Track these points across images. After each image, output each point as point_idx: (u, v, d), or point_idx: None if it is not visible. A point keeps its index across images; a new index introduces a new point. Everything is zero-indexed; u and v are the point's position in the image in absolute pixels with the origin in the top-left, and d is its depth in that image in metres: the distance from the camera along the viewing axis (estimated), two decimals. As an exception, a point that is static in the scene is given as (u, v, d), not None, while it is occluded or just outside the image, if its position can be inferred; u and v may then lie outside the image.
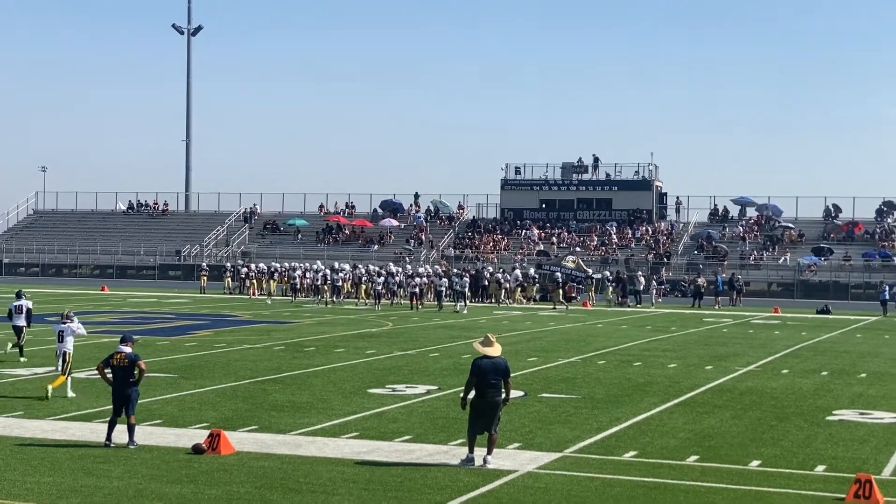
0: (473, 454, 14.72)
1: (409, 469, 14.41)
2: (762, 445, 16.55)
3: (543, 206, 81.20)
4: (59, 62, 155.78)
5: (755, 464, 15.20)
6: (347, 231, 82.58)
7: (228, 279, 62.53)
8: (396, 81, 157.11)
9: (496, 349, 15.06)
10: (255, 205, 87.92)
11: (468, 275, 53.85)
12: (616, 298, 56.75)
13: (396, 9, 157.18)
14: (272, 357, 27.63)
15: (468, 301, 51.42)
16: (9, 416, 17.93)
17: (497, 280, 56.48)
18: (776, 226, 76.58)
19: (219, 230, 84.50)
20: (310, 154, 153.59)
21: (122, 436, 15.52)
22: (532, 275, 58.31)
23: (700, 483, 13.98)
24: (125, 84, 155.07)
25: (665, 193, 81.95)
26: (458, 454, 15.17)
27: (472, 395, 14.87)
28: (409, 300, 51.11)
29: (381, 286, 51.98)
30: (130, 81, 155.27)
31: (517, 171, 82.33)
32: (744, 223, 78.08)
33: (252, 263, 63.66)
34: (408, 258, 72.80)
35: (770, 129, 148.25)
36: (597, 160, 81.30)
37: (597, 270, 61.83)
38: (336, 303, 52.75)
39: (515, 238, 78.19)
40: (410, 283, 52.30)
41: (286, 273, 58.09)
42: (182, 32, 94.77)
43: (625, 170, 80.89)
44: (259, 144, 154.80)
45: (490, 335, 15.36)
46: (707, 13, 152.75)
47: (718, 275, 62.42)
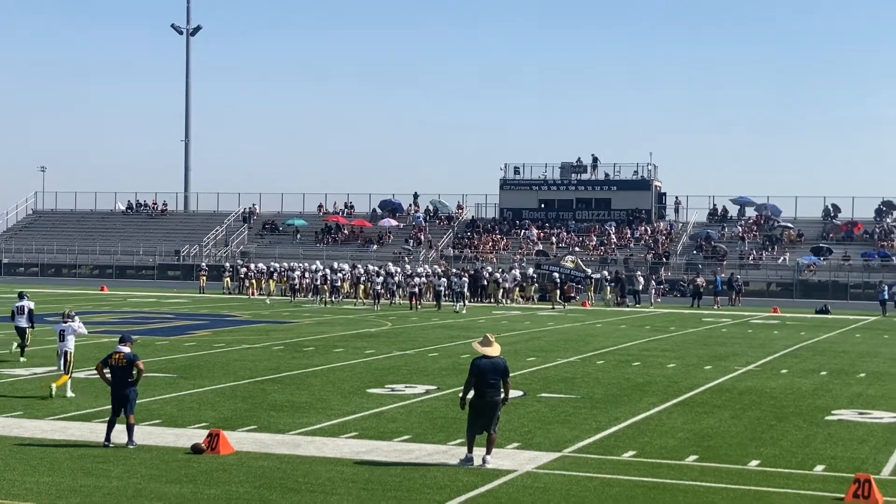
0: (472, 454, 14.72)
1: (408, 469, 14.41)
2: (761, 445, 16.56)
3: (542, 206, 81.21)
4: (59, 62, 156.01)
5: (754, 463, 15.21)
6: (346, 231, 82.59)
7: (227, 279, 62.56)
8: (395, 81, 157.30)
9: (495, 349, 15.06)
10: (254, 205, 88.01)
11: (467, 275, 53.86)
12: (615, 298, 56.76)
13: (395, 9, 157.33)
14: (271, 357, 27.63)
15: (467, 301, 51.42)
16: (8, 416, 17.94)
17: (495, 280, 56.51)
18: (775, 226, 76.59)
19: (218, 230, 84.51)
20: (309, 154, 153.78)
21: (122, 436, 15.52)
22: (530, 275, 58.32)
23: (699, 483, 13.98)
24: (124, 84, 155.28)
25: (664, 193, 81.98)
26: (457, 454, 15.17)
27: (472, 395, 14.86)
28: (409, 300, 51.13)
29: (380, 286, 52.00)
30: (130, 81, 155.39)
31: (516, 171, 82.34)
32: (743, 223, 78.10)
33: (251, 263, 63.68)
34: (407, 258, 72.80)
35: (769, 129, 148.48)
36: (596, 160, 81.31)
37: (596, 270, 61.82)
38: (335, 303, 52.76)
39: (514, 238, 78.19)
40: (409, 283, 52.33)
41: (285, 273, 58.09)
42: (181, 32, 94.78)
43: (624, 170, 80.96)
44: (258, 144, 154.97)
45: (489, 335, 15.36)
46: (706, 13, 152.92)
47: (717, 275, 62.45)
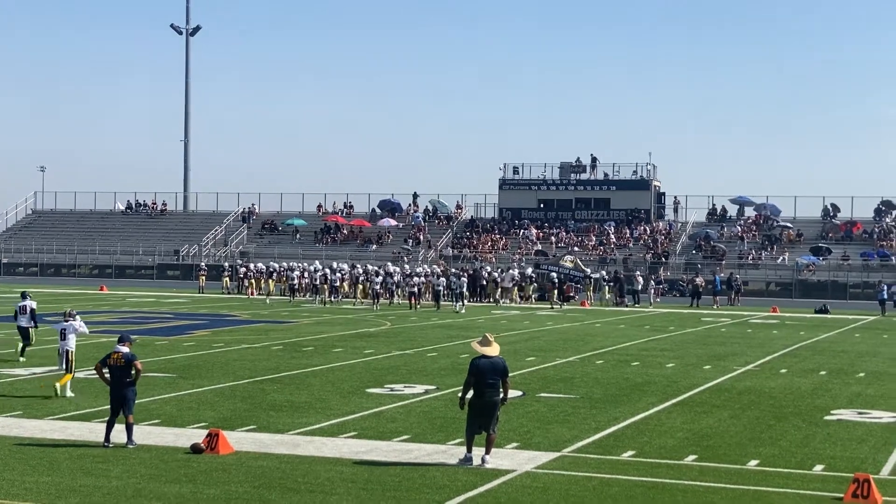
0: (472, 454, 14.72)
1: (408, 469, 14.41)
2: (760, 445, 16.56)
3: (541, 206, 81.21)
4: (58, 62, 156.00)
5: (753, 463, 15.21)
6: (346, 231, 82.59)
7: (226, 279, 62.56)
8: (395, 81, 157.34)
9: (494, 349, 15.07)
10: (254, 204, 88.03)
11: (466, 275, 53.86)
12: (614, 298, 56.75)
13: (395, 9, 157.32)
14: (270, 357, 27.63)
15: (466, 301, 51.40)
16: (8, 416, 17.93)
17: (494, 280, 56.51)
18: (774, 225, 76.59)
19: (217, 230, 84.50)
20: (308, 154, 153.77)
21: (121, 435, 15.52)
22: (529, 274, 58.31)
23: (698, 483, 13.98)
24: (124, 84, 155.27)
25: (663, 193, 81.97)
26: (457, 454, 15.17)
27: (471, 395, 14.87)
28: (408, 300, 51.12)
29: (380, 286, 52.00)
30: (129, 81, 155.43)
31: (515, 171, 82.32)
32: (742, 223, 78.09)
33: (251, 263, 63.67)
34: (406, 258, 72.79)
35: (768, 129, 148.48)
36: (595, 160, 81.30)
37: (594, 270, 61.82)
38: (334, 303, 52.75)
39: (513, 238, 78.19)
40: (409, 283, 52.33)
41: (284, 273, 58.07)
42: (180, 32, 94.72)
43: (623, 169, 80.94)
44: (257, 144, 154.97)
45: (488, 335, 15.36)
46: (706, 13, 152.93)
47: (717, 274, 62.44)
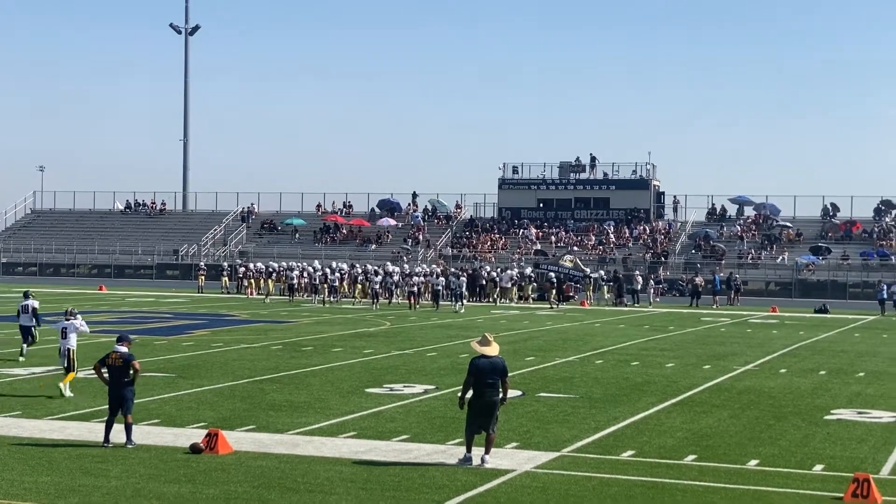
0: (471, 454, 14.71)
1: (407, 468, 14.40)
2: (760, 445, 16.55)
3: (541, 206, 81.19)
4: (57, 61, 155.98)
5: (753, 463, 15.20)
6: (345, 230, 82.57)
7: (226, 279, 62.54)
8: (394, 81, 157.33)
9: (494, 349, 15.06)
10: (253, 204, 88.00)
11: (465, 274, 53.84)
12: (613, 298, 56.72)
13: (395, 8, 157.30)
14: (270, 357, 27.62)
15: (465, 300, 51.37)
16: (7, 416, 17.92)
17: (493, 280, 56.49)
18: (774, 225, 76.58)
19: (216, 230, 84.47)
20: (307, 153, 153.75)
21: (120, 435, 15.51)
22: (528, 274, 58.28)
23: (698, 482, 13.97)
24: (123, 83, 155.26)
25: (663, 193, 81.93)
26: (456, 454, 15.17)
27: (470, 395, 14.86)
28: (407, 299, 51.10)
29: (379, 285, 51.99)
30: (128, 81, 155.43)
31: (515, 171, 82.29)
32: (742, 222, 78.07)
33: (250, 263, 63.64)
34: (405, 258, 72.78)
35: (768, 128, 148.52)
36: (594, 159, 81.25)
37: (594, 270, 61.81)
38: (333, 302, 52.74)
39: (513, 237, 78.17)
40: (408, 283, 52.32)
41: (283, 273, 58.04)
42: (180, 32, 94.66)
43: (622, 169, 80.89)
44: (256, 144, 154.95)
45: (488, 335, 15.35)
46: (705, 13, 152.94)
47: (716, 274, 62.40)
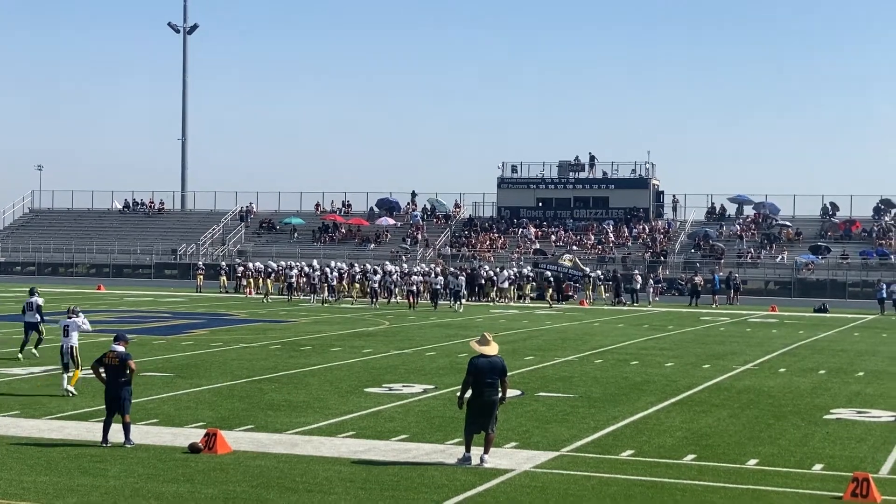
0: (470, 453, 14.70)
1: (406, 468, 14.38)
2: (759, 444, 16.54)
3: (540, 205, 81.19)
4: (55, 61, 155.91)
5: (752, 462, 15.19)
6: (344, 230, 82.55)
7: (224, 278, 62.50)
8: (393, 80, 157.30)
9: (493, 348, 15.04)
10: (252, 203, 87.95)
11: (464, 273, 53.82)
12: (612, 298, 56.69)
13: (394, 8, 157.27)
14: (268, 356, 27.59)
15: (464, 300, 51.35)
16: (5, 416, 17.90)
17: (490, 279, 56.46)
18: (773, 224, 76.58)
19: (215, 229, 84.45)
20: (306, 153, 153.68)
21: (119, 435, 15.49)
22: (526, 273, 58.25)
23: (697, 482, 13.96)
24: (121, 82, 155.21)
25: (662, 192, 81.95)
26: (455, 453, 15.15)
27: (469, 395, 14.85)
28: (406, 299, 51.08)
29: (378, 284, 51.96)
30: (126, 80, 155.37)
31: (514, 170, 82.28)
32: (741, 221, 78.09)
33: (249, 262, 63.61)
34: (404, 257, 72.76)
35: (767, 128, 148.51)
36: (593, 158, 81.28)
37: (592, 269, 61.80)
38: (332, 302, 52.71)
39: (512, 237, 78.17)
40: (407, 282, 52.31)
41: (282, 272, 58.00)
42: (178, 31, 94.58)
43: (622, 168, 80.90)
44: (255, 143, 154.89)
45: (487, 334, 15.34)
46: (705, 13, 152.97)
47: (716, 273, 62.38)
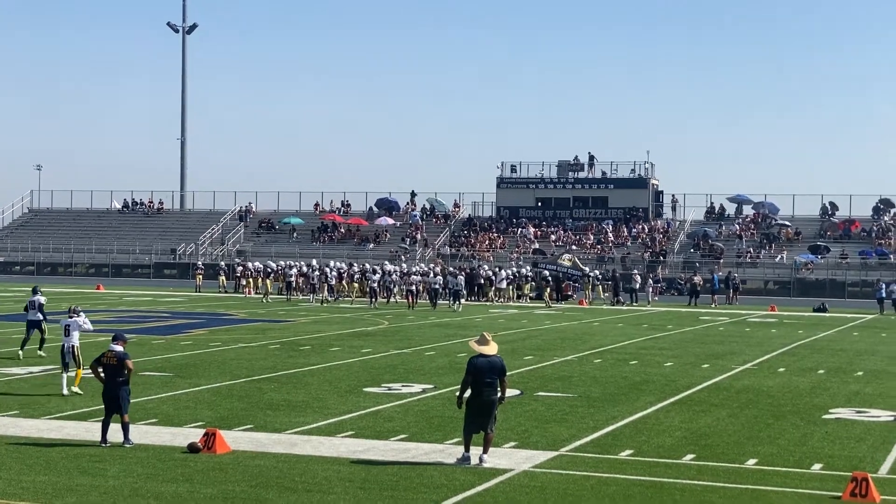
0: (469, 453, 14.70)
1: (405, 468, 14.38)
2: (759, 444, 16.54)
3: (539, 205, 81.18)
4: (54, 60, 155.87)
5: (752, 462, 15.19)
6: (343, 229, 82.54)
7: (223, 278, 62.49)
8: (393, 80, 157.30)
9: (492, 348, 15.04)
10: (251, 203, 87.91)
11: (463, 273, 53.82)
12: (611, 297, 56.68)
13: (393, 8, 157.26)
14: (267, 356, 27.59)
15: (463, 300, 51.35)
16: (4, 416, 17.89)
17: (488, 278, 56.46)
18: (773, 224, 76.59)
19: (214, 229, 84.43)
20: (305, 152, 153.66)
21: (118, 435, 15.48)
22: (524, 273, 58.24)
23: (696, 482, 13.95)
24: (120, 82, 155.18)
25: (661, 191, 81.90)
26: (454, 453, 15.15)
27: (468, 394, 14.84)
28: (405, 298, 51.09)
29: (377, 284, 51.98)
30: (125, 80, 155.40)
31: (513, 170, 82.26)
32: (740, 221, 78.09)
33: (248, 262, 63.59)
34: (403, 257, 72.75)
35: (766, 127, 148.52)
36: (592, 158, 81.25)
37: (591, 269, 61.80)
38: (331, 301, 52.71)
39: (511, 236, 78.16)
40: (406, 282, 52.31)
41: (282, 272, 58.00)
42: (177, 31, 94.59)
43: (621, 168, 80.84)
44: (254, 143, 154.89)
45: (486, 334, 15.34)
46: (704, 13, 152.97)
47: (715, 273, 62.35)
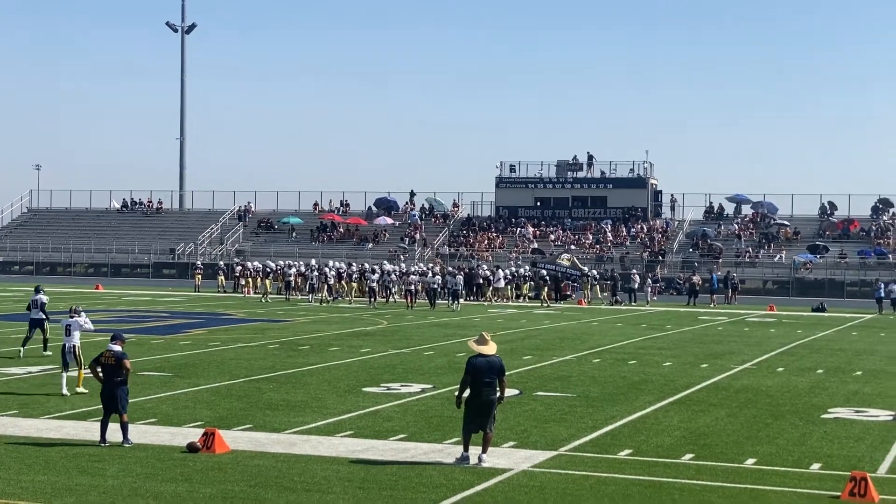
0: (468, 453, 14.70)
1: (404, 468, 14.39)
2: (757, 443, 16.54)
3: (538, 204, 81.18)
4: (54, 60, 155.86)
5: (750, 462, 15.19)
6: (342, 229, 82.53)
7: (222, 277, 62.48)
8: (392, 79, 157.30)
9: (491, 347, 15.05)
10: (250, 203, 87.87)
11: (462, 273, 53.81)
12: (609, 297, 56.68)
13: (393, 8, 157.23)
14: (267, 356, 27.59)
15: (462, 299, 51.35)
16: (3, 415, 17.89)
17: (486, 278, 56.47)
18: (771, 223, 76.61)
19: (213, 228, 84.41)
20: (304, 152, 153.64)
21: (117, 434, 15.49)
22: (523, 273, 58.24)
23: (695, 481, 13.96)
24: (119, 82, 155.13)
25: (660, 191, 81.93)
26: (453, 453, 15.15)
27: (467, 394, 14.85)
28: (404, 298, 51.10)
29: (376, 283, 51.99)
30: (125, 79, 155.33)
31: (512, 169, 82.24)
32: (739, 221, 78.10)
33: (247, 262, 63.58)
34: (402, 256, 72.75)
35: (766, 127, 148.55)
36: (591, 158, 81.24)
37: (590, 269, 61.81)
38: (330, 301, 52.71)
39: (510, 236, 78.16)
40: (405, 281, 52.33)
41: (281, 271, 58.00)
42: (176, 30, 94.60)
43: (620, 167, 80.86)
44: (253, 142, 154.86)
45: (485, 333, 15.34)
46: (704, 13, 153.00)
47: (714, 273, 62.37)
